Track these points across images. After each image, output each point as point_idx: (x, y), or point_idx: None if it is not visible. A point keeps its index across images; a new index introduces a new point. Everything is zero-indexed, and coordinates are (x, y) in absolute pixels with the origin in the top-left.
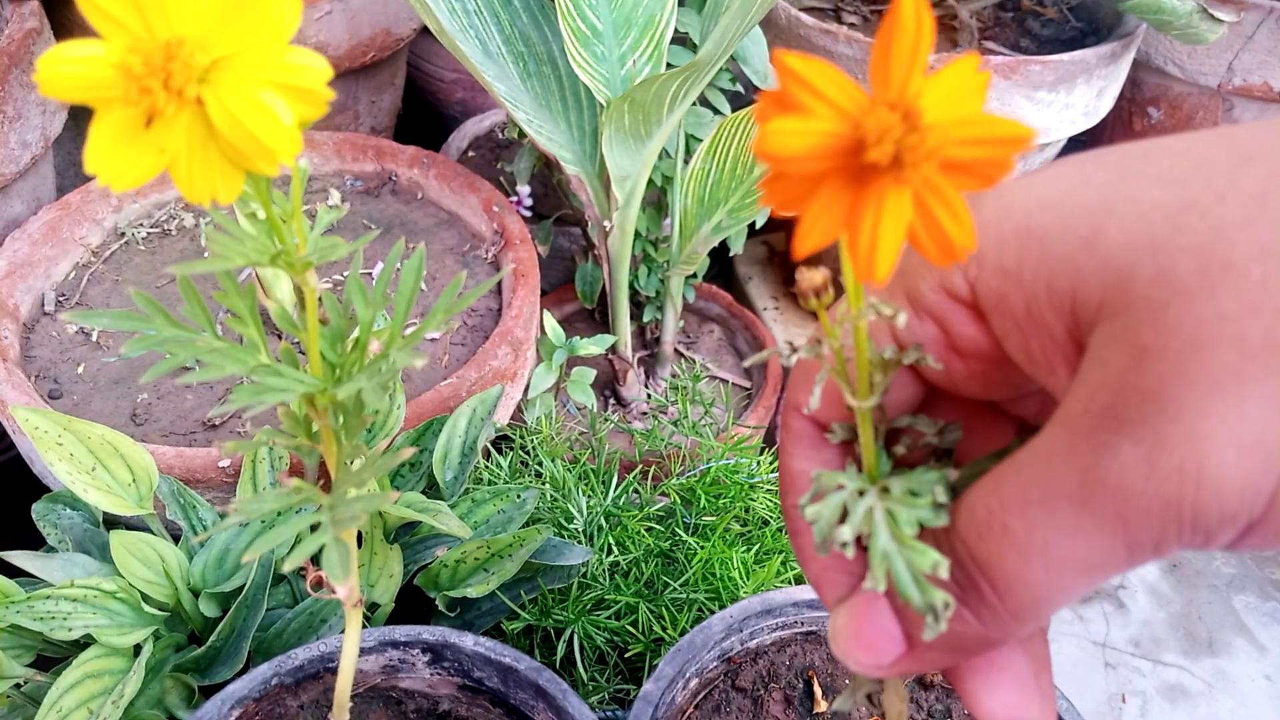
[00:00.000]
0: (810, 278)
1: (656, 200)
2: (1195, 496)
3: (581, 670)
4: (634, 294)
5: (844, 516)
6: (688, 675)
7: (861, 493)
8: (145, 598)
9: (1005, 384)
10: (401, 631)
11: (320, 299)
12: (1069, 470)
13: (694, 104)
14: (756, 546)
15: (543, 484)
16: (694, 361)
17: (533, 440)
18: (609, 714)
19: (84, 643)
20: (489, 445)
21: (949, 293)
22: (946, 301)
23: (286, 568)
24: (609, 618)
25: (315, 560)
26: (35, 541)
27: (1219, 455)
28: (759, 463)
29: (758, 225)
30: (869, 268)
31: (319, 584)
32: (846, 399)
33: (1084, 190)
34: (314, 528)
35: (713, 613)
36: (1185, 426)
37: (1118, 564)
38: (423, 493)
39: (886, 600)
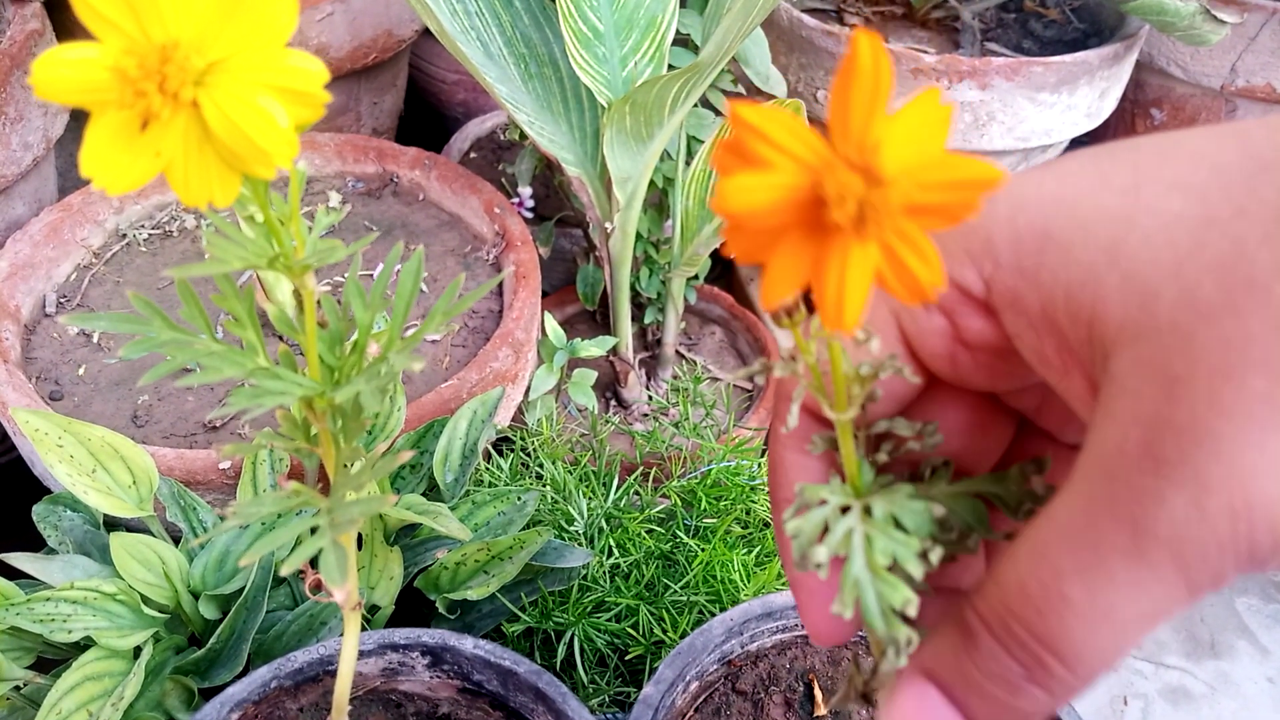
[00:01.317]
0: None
1: (658, 202)
2: (1249, 534)
3: (582, 673)
4: (635, 296)
5: (825, 531)
6: (688, 678)
7: (845, 509)
8: (145, 600)
9: (1010, 376)
10: (401, 634)
11: (319, 302)
12: (1117, 526)
13: (695, 106)
14: (757, 549)
15: (543, 486)
16: (695, 363)
17: (533, 442)
18: (609, 717)
19: (84, 645)
20: (489, 447)
21: (960, 288)
22: (957, 295)
23: (285, 571)
24: (609, 620)
25: (315, 563)
26: (35, 543)
27: (1265, 490)
28: (760, 465)
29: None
30: (838, 318)
31: (318, 587)
32: (825, 412)
33: (1103, 194)
34: (314, 530)
35: (713, 615)
36: (1226, 464)
37: (1181, 605)
38: (423, 495)
39: (935, 689)
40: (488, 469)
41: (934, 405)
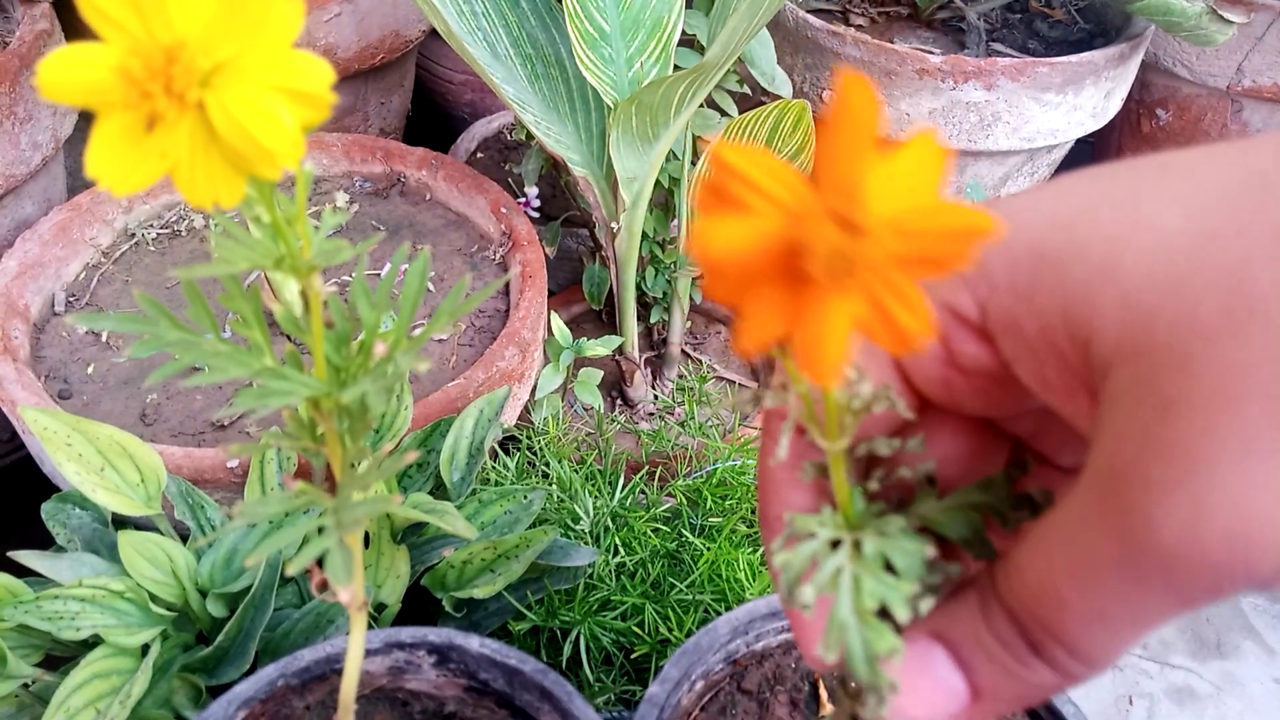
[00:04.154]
0: None
1: (664, 202)
2: (1245, 558)
3: (587, 671)
4: (641, 295)
5: (814, 565)
6: (693, 678)
7: (835, 544)
8: (153, 598)
9: (1006, 401)
10: (407, 633)
11: (326, 302)
12: (1108, 538)
13: (701, 106)
14: (763, 548)
15: (549, 485)
16: (700, 362)
17: (540, 441)
18: (615, 715)
19: (92, 642)
20: (496, 446)
21: (955, 313)
22: (951, 320)
23: (291, 571)
24: (615, 619)
25: (321, 562)
26: (44, 541)
27: (1263, 516)
28: None
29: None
30: (817, 369)
31: (324, 586)
32: (816, 442)
33: (1099, 210)
34: (320, 530)
35: (719, 614)
36: (1222, 491)
37: (1177, 614)
38: (430, 493)
39: (943, 650)
40: (494, 468)
41: (927, 431)
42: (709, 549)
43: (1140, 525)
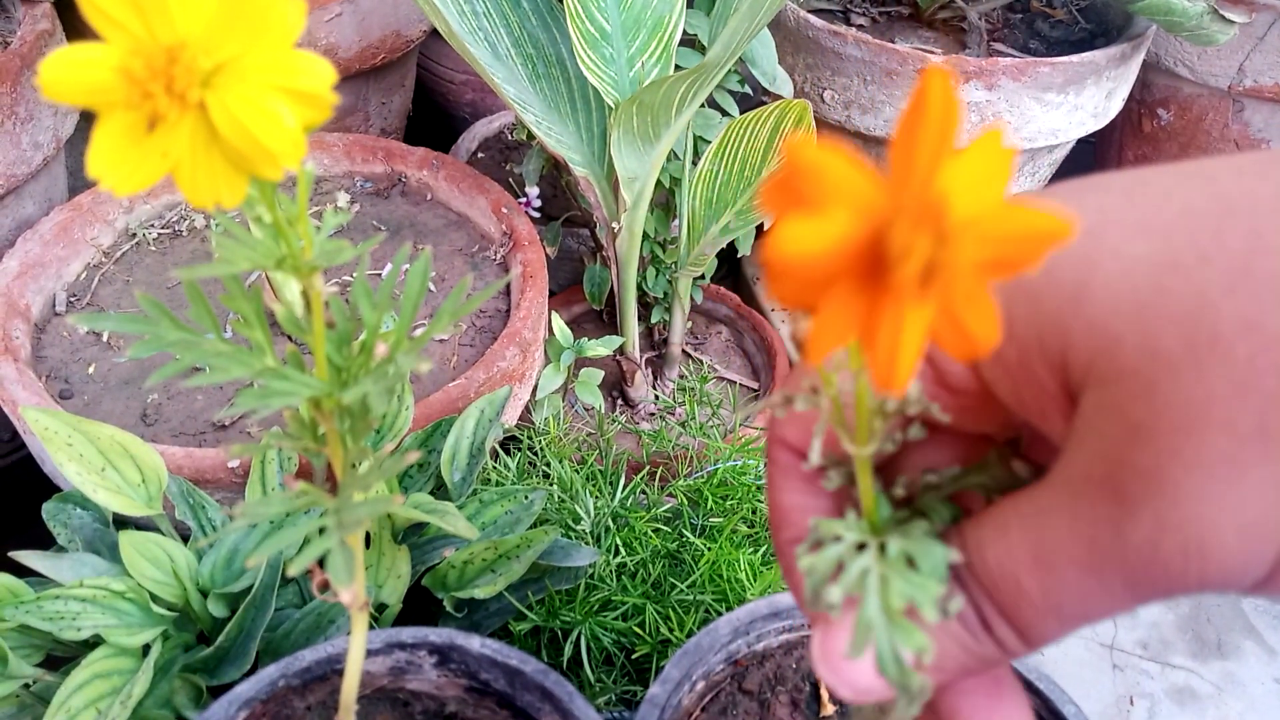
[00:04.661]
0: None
1: (665, 202)
2: (1200, 570)
3: (588, 671)
4: (642, 295)
5: (840, 569)
6: (694, 678)
7: (861, 546)
8: (154, 598)
9: (993, 416)
10: (408, 633)
11: (327, 302)
12: (1075, 540)
13: (702, 106)
14: (764, 548)
15: (550, 485)
16: (701, 363)
17: (540, 441)
18: (616, 715)
19: (93, 643)
20: (497, 446)
21: None
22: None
23: (292, 572)
24: (616, 619)
25: (323, 562)
26: (45, 541)
27: (1220, 537)
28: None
29: (766, 226)
30: (889, 378)
31: (325, 586)
32: (845, 447)
33: None
34: (322, 530)
35: (720, 614)
36: (1184, 511)
37: (1127, 611)
38: (431, 493)
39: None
40: (495, 468)
41: (922, 445)
42: (710, 549)
43: (1108, 536)
